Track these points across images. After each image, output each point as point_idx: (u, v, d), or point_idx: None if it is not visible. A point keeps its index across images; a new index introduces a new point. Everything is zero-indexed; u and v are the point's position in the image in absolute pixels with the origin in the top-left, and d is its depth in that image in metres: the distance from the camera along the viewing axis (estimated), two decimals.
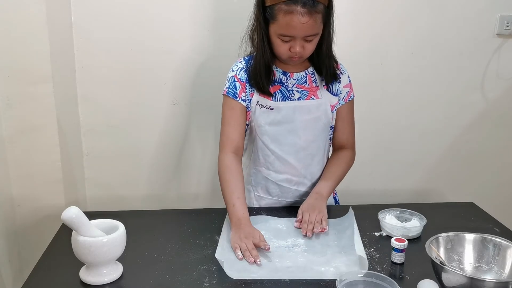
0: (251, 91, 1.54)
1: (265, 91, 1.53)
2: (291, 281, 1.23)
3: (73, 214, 1.16)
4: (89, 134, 2.02)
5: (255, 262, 1.29)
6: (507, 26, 2.08)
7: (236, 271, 1.26)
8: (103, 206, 2.07)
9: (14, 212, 1.81)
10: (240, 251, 1.33)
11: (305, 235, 1.43)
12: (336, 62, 1.59)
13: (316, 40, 1.45)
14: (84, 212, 1.19)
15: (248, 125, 1.59)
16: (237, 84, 1.54)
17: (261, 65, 1.50)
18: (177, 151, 2.10)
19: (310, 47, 1.46)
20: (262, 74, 1.50)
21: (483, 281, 1.09)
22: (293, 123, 1.55)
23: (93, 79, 1.96)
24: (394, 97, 2.13)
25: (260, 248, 1.33)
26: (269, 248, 1.33)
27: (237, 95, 1.54)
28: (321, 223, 1.45)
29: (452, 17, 2.06)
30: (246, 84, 1.54)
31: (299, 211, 1.51)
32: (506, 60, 2.14)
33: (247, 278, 1.24)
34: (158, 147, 2.08)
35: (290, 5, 1.36)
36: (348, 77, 1.63)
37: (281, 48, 1.45)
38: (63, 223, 1.41)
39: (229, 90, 1.55)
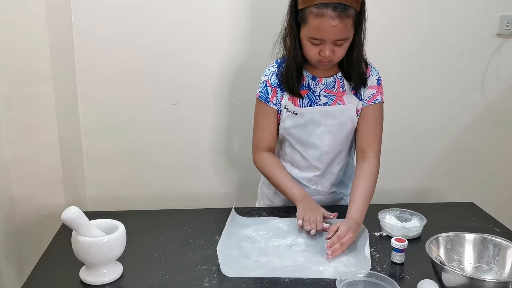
0: (282, 95, 1.56)
1: (295, 93, 1.54)
2: (291, 281, 1.23)
3: (73, 214, 1.16)
4: (89, 134, 2.02)
5: (309, 232, 1.41)
6: (507, 26, 2.08)
7: (235, 269, 1.27)
8: (103, 206, 2.07)
9: (14, 212, 1.81)
10: (301, 221, 1.44)
11: (328, 247, 1.33)
12: (367, 65, 1.57)
13: (346, 45, 1.45)
14: (84, 212, 1.19)
15: (278, 125, 1.62)
16: (269, 89, 1.57)
17: (293, 68, 1.51)
18: (177, 151, 2.10)
19: (340, 52, 1.45)
20: (293, 76, 1.52)
21: (483, 281, 1.09)
22: (319, 128, 1.55)
23: (93, 79, 1.96)
24: (394, 97, 2.13)
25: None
26: (336, 215, 1.48)
27: (268, 100, 1.57)
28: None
29: (452, 17, 2.06)
30: (277, 88, 1.56)
31: (336, 225, 1.38)
32: (506, 60, 2.14)
33: (245, 276, 1.24)
34: (158, 147, 2.08)
35: (321, 8, 1.36)
36: (378, 79, 1.58)
37: (311, 51, 1.45)
38: (63, 223, 1.41)
39: (262, 94, 1.58)
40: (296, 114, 1.55)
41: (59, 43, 1.77)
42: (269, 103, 1.57)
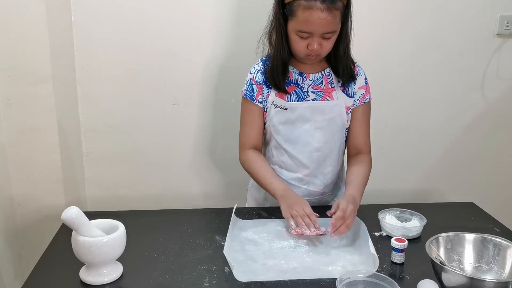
0: (268, 92, 1.56)
1: (281, 89, 1.54)
2: (291, 281, 1.23)
3: (73, 214, 1.16)
4: (89, 134, 2.02)
5: (309, 229, 1.41)
6: (507, 26, 2.08)
7: (244, 273, 1.26)
8: (103, 206, 2.07)
9: (14, 212, 1.81)
10: (292, 221, 1.42)
11: (330, 232, 1.36)
12: (354, 64, 1.58)
13: (333, 38, 1.46)
14: (84, 212, 1.19)
15: (264, 124, 1.61)
16: (254, 87, 1.57)
17: (279, 62, 1.51)
18: (177, 151, 2.10)
19: (327, 45, 1.46)
20: (279, 72, 1.52)
21: (483, 281, 1.09)
22: (307, 124, 1.55)
23: (93, 79, 1.96)
24: (394, 97, 2.13)
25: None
26: (320, 230, 1.44)
27: (254, 98, 1.57)
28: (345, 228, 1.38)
29: (452, 17, 2.06)
30: (263, 86, 1.56)
31: (335, 204, 1.43)
32: (506, 60, 2.14)
33: (256, 280, 1.23)
34: (158, 147, 2.08)
35: (310, 0, 1.37)
36: (365, 79, 1.61)
37: (299, 45, 1.45)
38: (63, 223, 1.41)
39: (247, 92, 1.58)
40: (286, 109, 1.54)
41: (59, 43, 1.77)
42: (254, 101, 1.57)
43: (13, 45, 1.65)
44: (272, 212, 1.60)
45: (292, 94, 1.55)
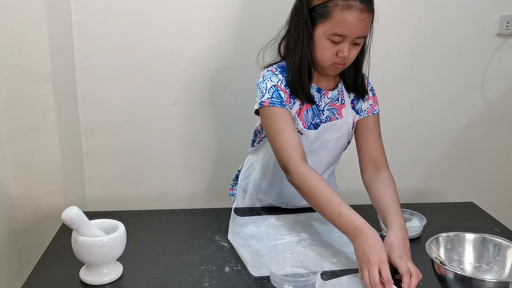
0: (291, 106, 1.44)
1: (310, 100, 1.43)
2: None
3: (73, 214, 1.16)
4: (89, 134, 2.02)
5: None
6: (507, 26, 2.08)
7: (254, 268, 1.27)
8: (103, 206, 2.07)
9: (14, 212, 1.81)
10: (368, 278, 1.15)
11: None
12: (363, 77, 1.53)
13: (361, 45, 1.40)
14: (84, 212, 1.19)
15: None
16: (282, 93, 1.41)
17: (305, 71, 1.39)
18: (177, 151, 2.10)
19: (355, 53, 1.38)
20: (306, 82, 1.40)
21: (483, 281, 1.09)
22: (315, 144, 1.50)
23: (93, 79, 1.96)
24: (394, 97, 2.13)
25: None
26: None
27: (284, 103, 1.40)
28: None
29: (452, 17, 2.07)
30: (290, 97, 1.43)
31: (406, 275, 1.15)
32: (506, 60, 2.14)
33: (266, 274, 1.23)
34: (158, 147, 2.08)
35: (348, 0, 1.30)
36: (372, 89, 1.56)
37: (328, 52, 1.35)
38: (63, 223, 1.41)
39: (274, 100, 1.39)
40: (301, 134, 1.46)
41: (59, 43, 1.77)
42: (286, 106, 1.40)
43: (13, 45, 1.65)
44: (272, 211, 1.60)
45: (308, 111, 1.46)
